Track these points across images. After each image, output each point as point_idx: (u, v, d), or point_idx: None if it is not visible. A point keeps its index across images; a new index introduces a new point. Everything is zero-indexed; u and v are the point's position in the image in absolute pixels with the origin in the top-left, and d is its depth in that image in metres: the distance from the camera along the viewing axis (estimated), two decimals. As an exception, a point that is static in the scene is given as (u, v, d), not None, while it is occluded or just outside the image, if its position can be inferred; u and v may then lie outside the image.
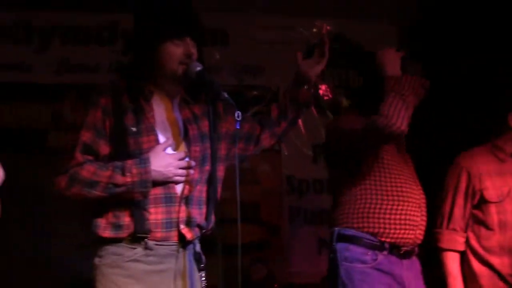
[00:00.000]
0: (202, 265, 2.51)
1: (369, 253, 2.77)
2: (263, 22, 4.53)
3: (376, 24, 4.58)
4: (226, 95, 2.39)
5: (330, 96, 4.66)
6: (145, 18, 2.54)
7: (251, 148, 2.70)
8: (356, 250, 2.79)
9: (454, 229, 3.15)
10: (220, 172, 2.59)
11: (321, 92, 4.65)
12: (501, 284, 3.09)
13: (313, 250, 4.60)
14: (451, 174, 3.21)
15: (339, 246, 2.81)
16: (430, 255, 3.12)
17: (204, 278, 2.50)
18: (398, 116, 2.66)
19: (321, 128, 4.62)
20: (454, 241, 3.15)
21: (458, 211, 3.15)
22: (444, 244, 3.16)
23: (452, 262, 3.14)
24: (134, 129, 2.43)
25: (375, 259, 2.77)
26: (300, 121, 4.55)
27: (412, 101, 2.71)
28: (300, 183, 4.64)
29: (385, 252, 2.78)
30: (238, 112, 2.35)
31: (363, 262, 2.77)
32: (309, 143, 4.65)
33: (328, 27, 4.56)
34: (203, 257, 2.53)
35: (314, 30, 4.40)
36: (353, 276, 2.77)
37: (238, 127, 2.38)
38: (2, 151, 2.41)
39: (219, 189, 2.57)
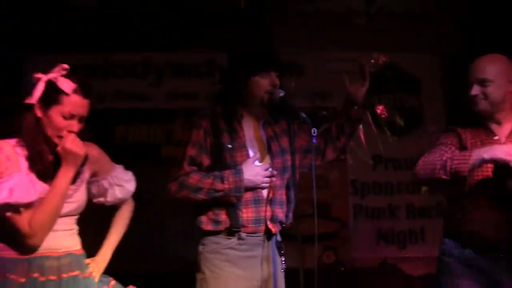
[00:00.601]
0: (283, 252, 2.54)
1: (458, 248, 2.56)
2: (330, 56, 4.53)
3: (423, 55, 4.51)
4: (304, 115, 2.40)
5: (386, 115, 4.63)
6: (238, 57, 2.58)
7: (319, 159, 2.67)
8: (449, 244, 2.60)
9: None
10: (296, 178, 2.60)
11: (378, 111, 4.63)
12: None
13: (373, 240, 4.54)
14: None
15: (443, 240, 2.64)
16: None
17: (284, 262, 2.53)
18: (427, 168, 2.46)
19: (379, 141, 4.59)
20: None
21: None
22: None
23: None
24: (230, 146, 2.48)
25: (462, 253, 2.55)
26: (362, 136, 4.55)
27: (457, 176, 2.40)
28: (362, 186, 4.59)
29: (473, 249, 2.53)
30: (314, 129, 2.34)
31: (451, 255, 2.58)
32: (369, 154, 4.59)
33: (384, 58, 4.55)
34: (283, 245, 2.55)
35: (372, 61, 4.40)
36: (440, 267, 2.62)
37: (314, 141, 2.36)
38: (128, 163, 2.50)
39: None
